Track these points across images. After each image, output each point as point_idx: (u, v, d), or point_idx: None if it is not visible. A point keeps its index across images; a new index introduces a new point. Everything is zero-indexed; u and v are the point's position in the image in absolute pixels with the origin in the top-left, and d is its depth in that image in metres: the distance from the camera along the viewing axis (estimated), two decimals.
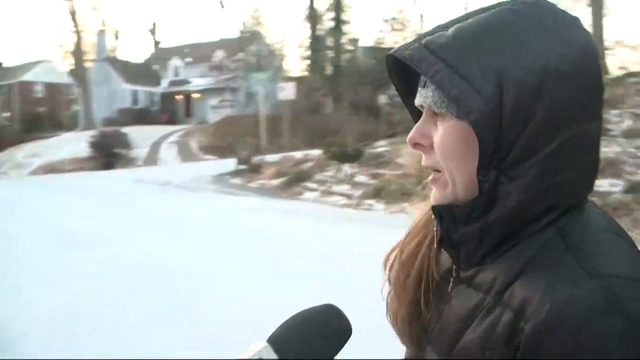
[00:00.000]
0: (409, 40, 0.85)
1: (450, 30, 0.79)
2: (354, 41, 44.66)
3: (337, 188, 14.49)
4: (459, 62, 0.75)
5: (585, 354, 0.66)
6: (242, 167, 20.03)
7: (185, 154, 32.08)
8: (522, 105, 0.74)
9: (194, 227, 9.96)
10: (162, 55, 53.16)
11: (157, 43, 59.46)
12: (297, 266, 6.96)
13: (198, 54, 49.30)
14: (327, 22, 44.07)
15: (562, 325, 0.67)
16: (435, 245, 0.91)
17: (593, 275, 0.69)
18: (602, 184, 10.54)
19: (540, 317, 0.69)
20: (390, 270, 1.00)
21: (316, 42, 43.61)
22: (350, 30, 44.87)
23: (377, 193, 12.71)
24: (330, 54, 44.73)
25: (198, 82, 47.26)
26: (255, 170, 19.15)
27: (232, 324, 5.00)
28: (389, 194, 12.34)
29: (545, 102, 0.74)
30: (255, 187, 16.69)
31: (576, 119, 0.76)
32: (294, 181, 15.75)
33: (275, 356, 0.77)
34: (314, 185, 15.18)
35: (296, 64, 50.59)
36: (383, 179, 13.56)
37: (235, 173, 19.63)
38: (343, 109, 36.93)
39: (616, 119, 13.51)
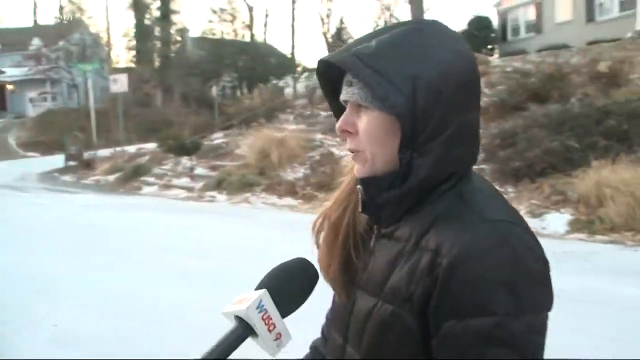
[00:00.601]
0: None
1: (374, 42, 1.01)
2: (182, 31, 43.74)
3: (177, 181, 14.53)
4: (383, 69, 0.98)
5: (487, 275, 0.89)
6: (72, 163, 19.10)
7: (2, 152, 29.49)
8: (430, 101, 0.98)
9: (34, 227, 9.55)
10: None
11: None
12: (145, 259, 7.13)
13: (8, 40, 44.84)
14: (155, 11, 42.81)
15: (470, 257, 0.91)
16: (359, 210, 1.11)
17: (486, 221, 0.95)
18: None
19: (454, 253, 0.92)
20: (318, 234, 1.20)
21: (142, 32, 42.12)
22: (179, 20, 44.00)
23: (218, 185, 12.99)
24: (158, 44, 43.50)
25: (12, 72, 43.14)
26: (87, 166, 18.39)
27: (87, 319, 5.13)
28: (230, 185, 12.68)
29: (444, 98, 0.99)
30: (89, 184, 16.10)
31: (464, 110, 1.02)
32: (131, 176, 15.45)
33: (271, 299, 0.95)
34: (152, 180, 15.02)
35: (123, 54, 48.09)
36: (223, 170, 13.84)
37: (65, 170, 18.67)
38: (174, 101, 36.27)
39: None
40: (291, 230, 8.77)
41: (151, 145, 19.68)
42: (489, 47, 26.01)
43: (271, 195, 12.05)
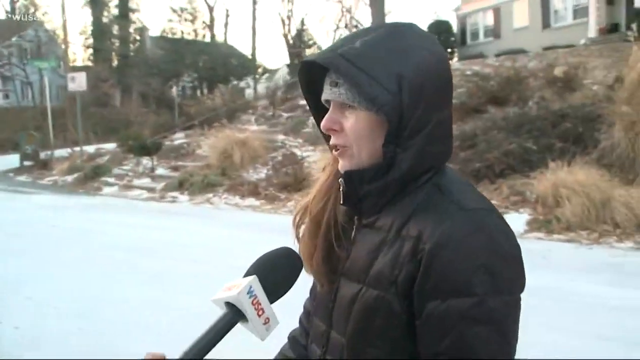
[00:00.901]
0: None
1: (358, 44, 1.06)
2: (142, 30, 43.05)
3: (138, 182, 14.35)
4: (370, 69, 1.03)
5: (466, 259, 0.96)
6: (28, 163, 18.64)
7: None
8: (413, 99, 1.03)
9: None
10: None
11: None
12: (109, 259, 7.05)
13: None
14: (113, 9, 42.04)
15: (450, 243, 0.98)
16: (340, 202, 1.16)
17: (464, 210, 1.02)
18: None
19: (435, 239, 0.98)
20: (298, 227, 1.25)
21: (100, 30, 41.29)
22: (137, 19, 43.30)
23: (180, 185, 12.88)
24: (116, 43, 42.74)
25: None
26: (44, 166, 17.99)
27: (50, 321, 5.06)
28: (192, 185, 12.59)
29: (425, 96, 1.05)
30: (47, 184, 15.74)
31: (441, 107, 1.09)
32: (91, 176, 15.19)
33: (260, 285, 0.99)
34: (112, 180, 14.80)
35: (80, 52, 47.08)
36: (185, 171, 13.74)
37: (20, 170, 18.22)
38: (133, 101, 35.71)
39: None
40: (255, 231, 8.83)
41: (110, 145, 19.35)
42: (449, 50, 26.46)
43: (234, 196, 12.01)
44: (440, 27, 26.79)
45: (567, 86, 11.58)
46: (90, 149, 19.72)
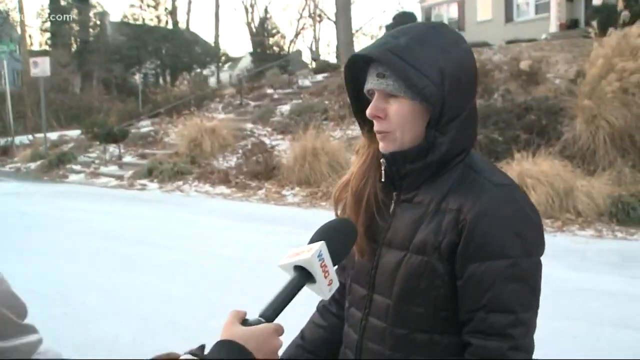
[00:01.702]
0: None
1: (403, 41, 1.20)
2: (102, 15, 42.08)
3: (105, 169, 14.19)
4: (417, 63, 1.18)
5: (502, 226, 1.15)
6: None
7: None
8: (452, 89, 1.18)
9: None
10: None
11: None
12: (81, 246, 7.06)
13: None
14: None
15: (487, 213, 1.16)
16: (382, 179, 1.31)
17: (497, 185, 1.20)
18: None
19: (475, 211, 1.16)
20: (337, 203, 1.41)
21: (58, 14, 40.14)
22: (98, 3, 42.30)
23: (149, 173, 12.80)
24: (75, 27, 41.69)
25: None
26: (4, 153, 17.61)
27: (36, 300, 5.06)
28: (162, 173, 12.53)
29: (461, 87, 1.21)
30: (10, 172, 15.42)
31: (471, 97, 1.26)
32: (56, 164, 14.93)
33: (327, 249, 1.07)
34: (78, 168, 14.59)
35: (37, 36, 45.77)
36: (154, 159, 13.63)
37: None
38: (94, 88, 34.99)
39: None
40: (227, 218, 8.92)
41: (74, 133, 19.02)
42: None
43: (204, 184, 12.03)
44: (405, 19, 27.00)
45: (531, 79, 11.90)
46: (52, 135, 19.34)
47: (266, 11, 41.46)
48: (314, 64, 25.57)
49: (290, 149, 12.29)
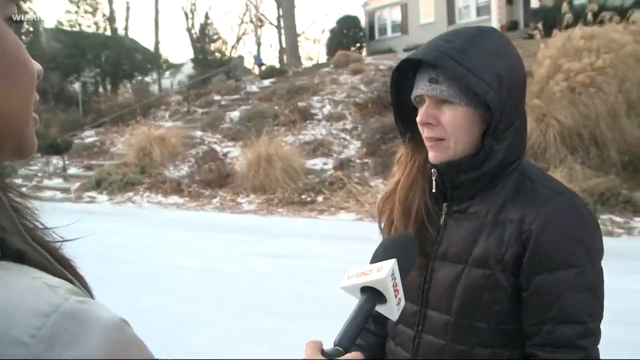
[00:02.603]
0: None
1: (457, 43, 1.15)
2: (35, 22, 40.63)
3: (49, 182, 13.67)
4: (475, 68, 1.12)
5: (567, 236, 1.11)
6: None
7: None
8: (510, 96, 1.14)
9: None
10: None
11: None
12: None
13: None
14: None
15: (552, 223, 1.11)
16: (432, 189, 1.25)
17: (557, 193, 1.16)
18: (316, 163, 12.04)
19: (539, 220, 1.12)
20: (381, 215, 1.36)
21: None
22: (30, 8, 40.82)
23: (98, 185, 12.39)
24: None
25: None
26: None
27: None
28: (111, 184, 12.15)
29: (516, 94, 1.17)
30: None
31: (523, 103, 1.22)
32: None
33: (397, 266, 1.00)
34: (19, 181, 13.98)
35: None
36: (101, 170, 13.20)
37: None
38: None
39: (319, 105, 15.35)
40: (181, 229, 8.70)
41: None
42: (357, 45, 26.93)
43: (156, 194, 11.74)
44: (349, 22, 27.23)
45: None
46: None
47: (207, 17, 40.62)
48: (257, 70, 25.43)
49: (243, 156, 12.14)
